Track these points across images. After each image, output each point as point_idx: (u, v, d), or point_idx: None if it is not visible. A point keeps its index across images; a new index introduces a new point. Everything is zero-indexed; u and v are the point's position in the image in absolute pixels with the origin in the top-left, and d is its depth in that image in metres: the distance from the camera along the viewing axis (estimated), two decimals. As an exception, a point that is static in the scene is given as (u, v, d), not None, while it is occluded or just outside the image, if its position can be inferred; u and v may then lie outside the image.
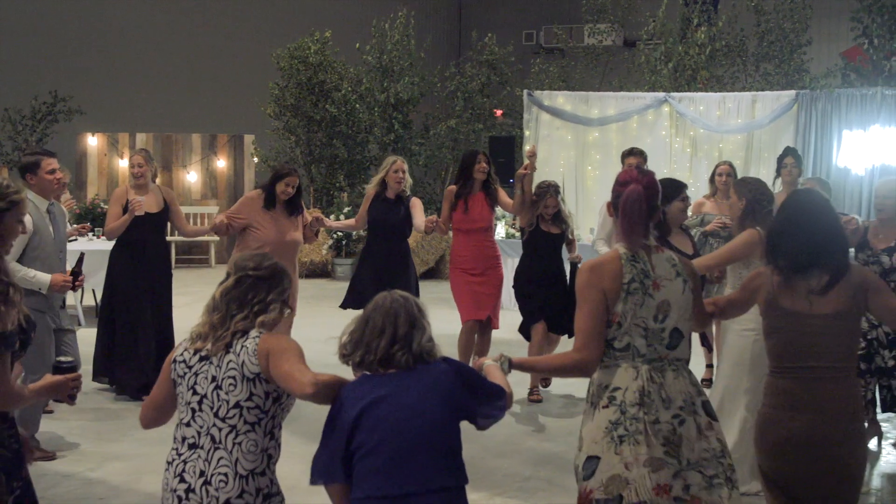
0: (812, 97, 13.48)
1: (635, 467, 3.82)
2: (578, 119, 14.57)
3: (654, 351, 3.97)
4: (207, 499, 3.60)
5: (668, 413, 3.90)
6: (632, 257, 4.03)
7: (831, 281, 4.10)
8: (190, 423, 3.72)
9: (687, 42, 15.93)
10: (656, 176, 4.18)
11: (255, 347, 3.66)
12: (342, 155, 17.55)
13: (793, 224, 4.24)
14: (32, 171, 6.93)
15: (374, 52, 17.80)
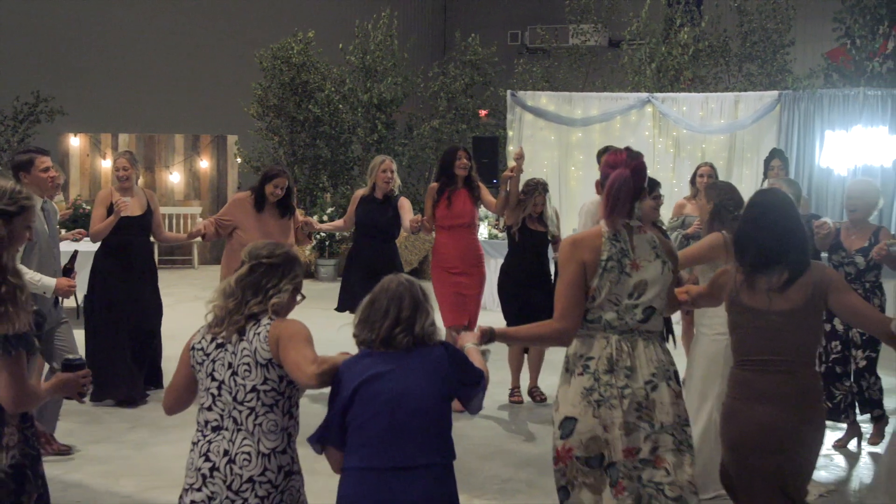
0: (795, 97, 13.51)
1: (612, 429, 4.10)
2: (562, 119, 14.57)
3: (625, 324, 4.19)
4: (231, 477, 3.80)
5: (639, 380, 4.13)
6: (613, 236, 4.21)
7: (790, 278, 4.25)
8: (211, 407, 3.90)
9: (670, 42, 15.93)
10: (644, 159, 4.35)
11: (266, 334, 3.84)
12: (325, 155, 17.50)
13: (754, 224, 4.39)
14: (26, 170, 6.89)
15: (357, 53, 17.74)
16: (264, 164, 17.39)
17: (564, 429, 4.20)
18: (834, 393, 7.42)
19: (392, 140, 17.74)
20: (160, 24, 20.72)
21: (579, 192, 13.60)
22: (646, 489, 4.12)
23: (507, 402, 8.46)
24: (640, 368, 4.16)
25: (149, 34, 20.58)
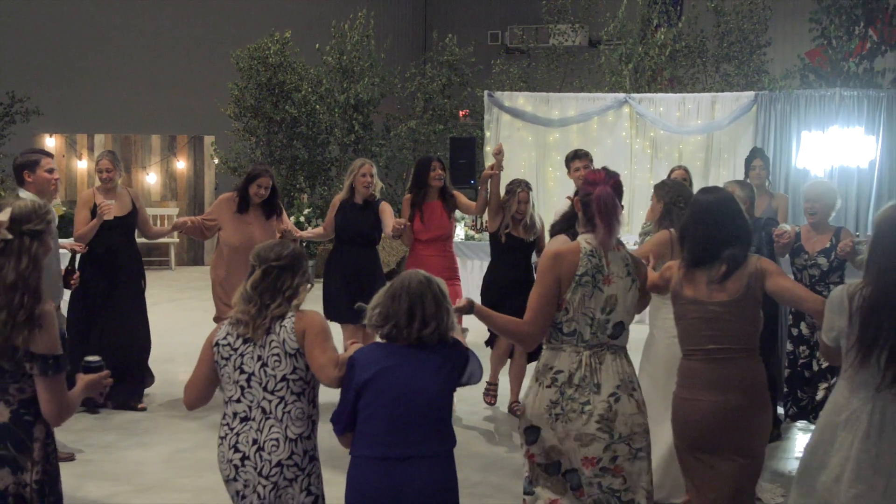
0: (771, 98, 13.52)
1: (567, 441, 4.39)
2: (539, 120, 14.53)
3: (597, 338, 4.44)
4: (261, 463, 4.09)
5: (603, 394, 4.38)
6: (590, 252, 4.45)
7: (728, 271, 4.50)
8: (240, 399, 4.18)
9: (647, 43, 15.91)
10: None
11: (292, 326, 4.14)
12: (302, 156, 17.41)
13: (695, 220, 4.64)
14: (31, 170, 6.84)
15: (333, 53, 17.66)
16: (241, 165, 17.32)
17: (529, 436, 4.52)
18: (801, 396, 7.41)
19: (369, 141, 17.66)
20: (136, 24, 20.59)
21: (557, 193, 13.56)
22: (604, 495, 4.42)
23: (478, 404, 8.34)
24: (605, 383, 4.40)
25: (125, 34, 20.45)
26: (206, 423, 8.11)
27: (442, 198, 8.35)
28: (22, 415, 3.79)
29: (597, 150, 13.91)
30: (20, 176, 6.88)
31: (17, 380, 3.76)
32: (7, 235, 3.78)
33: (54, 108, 18.09)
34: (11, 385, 3.76)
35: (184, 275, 17.84)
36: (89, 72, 19.94)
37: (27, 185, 6.86)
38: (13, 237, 3.78)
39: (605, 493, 4.43)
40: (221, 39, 20.07)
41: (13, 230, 3.79)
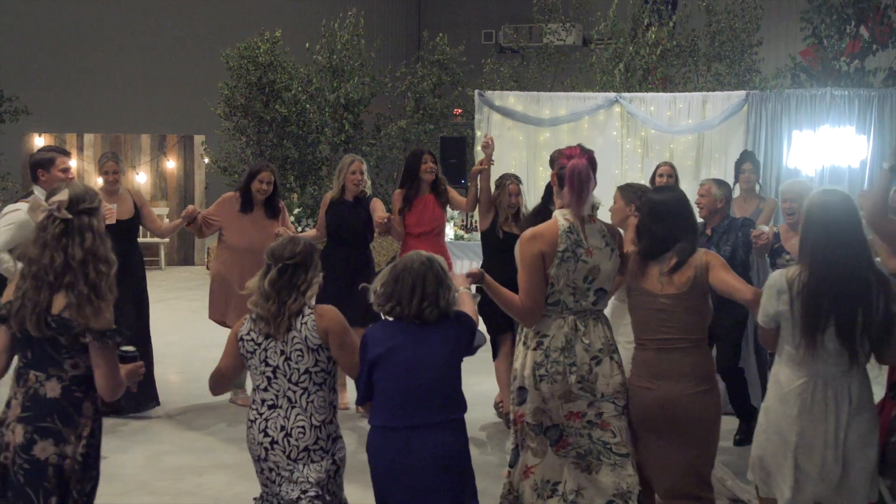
0: (762, 97, 13.45)
1: (551, 400, 4.80)
2: (529, 119, 14.45)
3: (580, 305, 4.86)
4: (289, 448, 4.46)
5: (587, 356, 4.79)
6: (568, 229, 4.81)
7: (677, 263, 4.77)
8: (267, 388, 4.53)
9: (638, 42, 15.85)
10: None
11: (313, 324, 4.47)
12: (293, 156, 17.33)
13: (650, 217, 4.93)
14: (46, 168, 6.78)
15: (324, 53, 17.59)
16: (231, 165, 17.24)
17: (519, 397, 4.94)
18: None
19: (360, 140, 17.59)
20: (126, 23, 20.52)
21: (547, 193, 13.48)
22: (595, 446, 4.83)
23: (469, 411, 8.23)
24: (594, 343, 4.83)
25: (115, 34, 20.38)
26: (186, 426, 8.07)
27: (434, 191, 8.28)
28: (73, 391, 4.04)
29: (587, 150, 13.99)
30: (34, 173, 6.81)
31: (73, 355, 4.01)
32: (67, 215, 4.02)
33: (43, 107, 18.02)
34: (67, 361, 4.01)
35: (173, 275, 17.78)
36: (79, 71, 19.86)
37: (41, 184, 6.79)
38: (72, 216, 4.03)
39: (595, 444, 4.83)
40: (211, 39, 20.00)
41: (71, 210, 4.04)
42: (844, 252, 4.32)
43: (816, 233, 4.39)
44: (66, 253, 3.99)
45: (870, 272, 4.36)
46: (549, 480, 4.95)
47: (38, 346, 4.02)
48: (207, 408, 8.55)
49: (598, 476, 4.85)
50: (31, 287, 4.00)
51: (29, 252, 4.06)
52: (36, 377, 4.03)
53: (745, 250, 7.21)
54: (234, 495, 6.53)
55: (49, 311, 3.95)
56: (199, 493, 6.62)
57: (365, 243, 8.36)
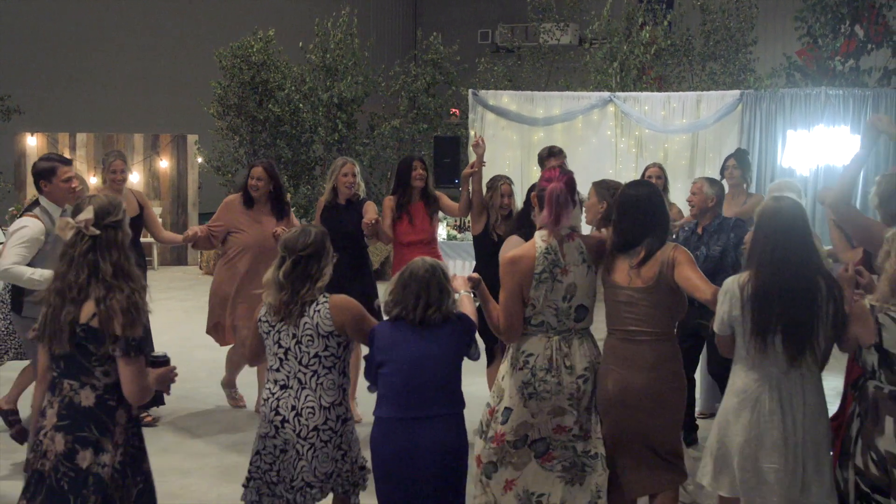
0: (756, 97, 13.43)
1: (540, 415, 4.98)
2: (523, 119, 14.42)
3: (563, 324, 4.99)
4: (300, 427, 4.67)
5: (573, 375, 4.95)
6: (545, 251, 4.96)
7: (645, 257, 4.87)
8: (279, 368, 4.77)
9: (632, 41, 15.81)
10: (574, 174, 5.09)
11: (327, 312, 4.70)
12: (286, 155, 17.26)
13: (623, 212, 5.01)
14: (47, 178, 6.66)
15: (317, 52, 17.53)
16: (225, 164, 17.17)
17: (504, 417, 5.06)
18: None
19: (353, 140, 17.53)
20: (119, 22, 20.44)
21: (541, 192, 13.42)
22: (579, 458, 5.03)
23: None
24: (577, 365, 4.97)
25: (108, 33, 20.31)
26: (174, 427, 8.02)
27: (424, 200, 8.18)
28: (106, 400, 4.12)
29: (581, 150, 13.92)
30: (37, 184, 6.71)
31: (103, 363, 4.08)
32: (95, 231, 4.12)
33: (36, 106, 17.96)
34: (97, 369, 4.09)
35: (166, 275, 17.68)
36: (72, 70, 19.78)
37: (45, 194, 6.69)
38: (100, 232, 4.13)
39: (580, 456, 5.03)
40: (205, 38, 19.94)
41: (98, 225, 4.14)
42: (793, 257, 4.43)
43: (765, 238, 4.51)
44: (92, 267, 4.09)
45: (819, 277, 4.45)
46: (533, 492, 5.07)
47: (69, 355, 4.10)
48: (196, 410, 8.50)
49: (581, 487, 5.04)
50: (56, 303, 4.11)
51: (56, 268, 4.18)
52: (70, 386, 4.12)
53: (736, 252, 7.16)
54: (217, 496, 6.50)
55: (77, 322, 4.04)
56: (183, 494, 6.57)
57: (360, 246, 8.10)
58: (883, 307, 4.35)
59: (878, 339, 4.36)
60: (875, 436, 4.35)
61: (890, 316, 4.32)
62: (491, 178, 7.99)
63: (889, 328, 4.32)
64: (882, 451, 4.33)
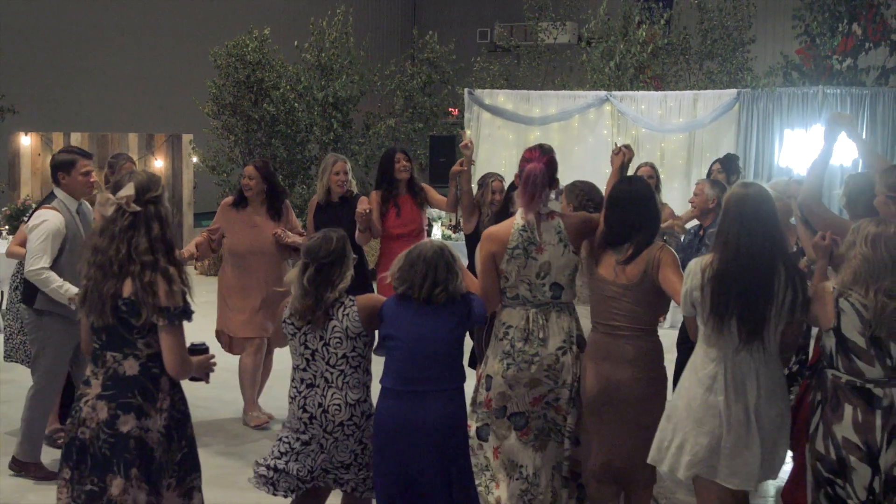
0: (754, 96, 13.36)
1: (517, 387, 5.20)
2: (520, 118, 14.35)
3: (538, 298, 5.20)
4: (326, 422, 4.88)
5: (551, 347, 5.17)
6: (522, 227, 5.17)
7: (633, 254, 5.00)
8: (306, 368, 4.95)
9: (629, 40, 15.72)
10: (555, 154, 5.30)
11: (356, 315, 4.91)
12: (281, 155, 17.16)
13: (612, 207, 5.13)
14: (66, 170, 6.58)
15: (312, 51, 17.42)
16: (220, 164, 17.06)
17: (487, 384, 5.34)
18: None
19: (349, 139, 17.43)
20: (113, 20, 20.30)
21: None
22: (547, 424, 5.27)
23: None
24: (551, 337, 5.17)
25: (103, 32, 20.17)
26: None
27: (410, 191, 8.11)
28: (150, 368, 4.24)
29: (578, 149, 13.85)
30: (55, 176, 6.62)
31: (145, 335, 4.20)
32: (136, 208, 4.21)
33: (30, 105, 17.81)
34: (139, 341, 4.20)
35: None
36: (66, 69, 19.64)
37: (62, 187, 6.59)
38: (140, 208, 4.23)
39: (548, 423, 5.25)
40: (200, 37, 19.80)
41: (139, 202, 4.23)
42: (755, 242, 4.50)
43: (731, 222, 4.59)
44: (130, 244, 4.18)
45: (780, 263, 4.53)
46: (515, 462, 5.31)
47: (111, 328, 4.21)
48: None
49: (545, 452, 5.29)
50: (97, 278, 4.21)
51: (95, 242, 4.28)
52: (113, 357, 4.23)
53: None
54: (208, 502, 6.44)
55: (120, 296, 4.15)
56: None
57: (356, 244, 8.04)
58: (844, 292, 4.48)
59: (836, 322, 4.49)
60: (834, 423, 4.50)
61: (850, 302, 4.45)
62: (482, 176, 8.00)
63: (848, 313, 4.46)
64: (839, 437, 4.47)
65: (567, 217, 5.32)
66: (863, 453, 4.42)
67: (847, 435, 4.45)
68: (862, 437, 4.42)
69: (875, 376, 4.45)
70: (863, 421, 4.42)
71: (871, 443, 4.41)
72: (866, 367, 4.45)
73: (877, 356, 4.43)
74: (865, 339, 4.44)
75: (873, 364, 4.44)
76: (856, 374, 4.48)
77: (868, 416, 4.42)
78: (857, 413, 4.44)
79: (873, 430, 4.41)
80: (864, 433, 4.42)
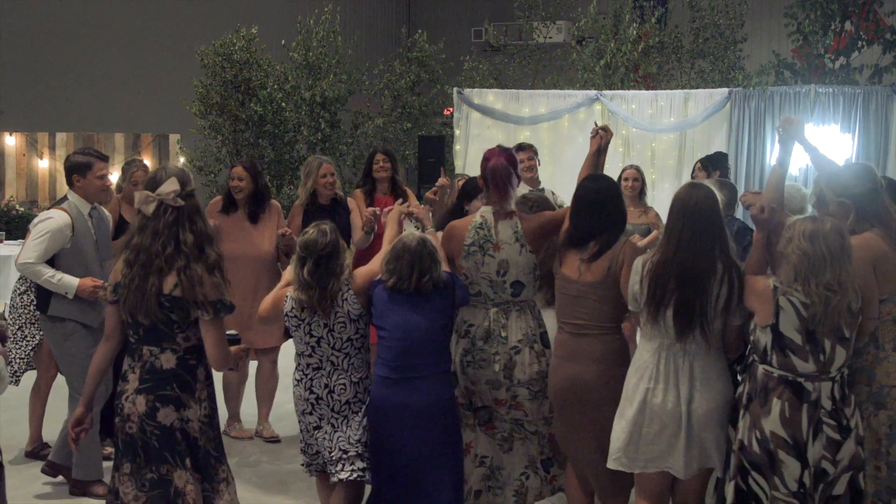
0: (745, 95, 13.21)
1: (479, 384, 5.32)
2: (509, 118, 14.15)
3: (500, 297, 5.28)
4: (333, 402, 5.15)
5: (507, 346, 5.23)
6: (479, 225, 5.29)
7: (598, 251, 5.02)
8: (311, 354, 5.15)
9: (619, 38, 15.57)
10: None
11: (353, 299, 5.10)
12: (269, 155, 16.98)
13: (578, 205, 5.13)
14: (82, 173, 6.33)
15: (299, 49, 17.25)
16: (207, 164, 16.89)
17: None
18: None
19: (337, 140, 17.25)
20: (99, 18, 20.07)
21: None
22: (510, 425, 5.36)
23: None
24: (511, 336, 5.24)
25: (88, 30, 19.95)
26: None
27: (393, 193, 7.95)
28: (187, 360, 4.31)
29: (568, 149, 13.68)
30: (70, 177, 6.37)
31: (184, 329, 4.26)
32: (181, 202, 4.24)
33: (14, 105, 17.64)
34: (179, 335, 4.26)
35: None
36: (50, 68, 19.40)
37: (76, 189, 6.33)
38: (183, 202, 4.26)
39: (511, 423, 5.35)
40: (187, 35, 19.57)
41: (181, 196, 4.25)
42: (695, 239, 4.63)
43: (675, 219, 4.71)
44: (177, 239, 4.21)
45: (719, 261, 4.64)
46: (484, 455, 5.43)
47: (151, 324, 4.25)
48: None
49: (512, 452, 5.39)
50: (139, 275, 4.21)
51: (137, 241, 4.26)
52: (150, 352, 4.28)
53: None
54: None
55: (161, 293, 4.18)
56: None
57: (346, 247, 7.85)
58: (785, 290, 4.54)
59: (774, 319, 4.55)
60: (762, 416, 4.57)
61: (790, 300, 4.52)
62: (466, 187, 7.77)
63: (787, 311, 4.52)
64: (767, 431, 4.55)
65: (526, 218, 5.35)
66: (790, 447, 4.52)
67: (774, 429, 4.54)
68: (789, 431, 4.52)
69: (808, 371, 4.55)
70: (790, 416, 4.53)
71: (798, 437, 4.51)
72: (800, 362, 4.54)
73: (811, 352, 4.52)
74: (802, 336, 4.52)
75: (807, 360, 4.53)
76: (789, 370, 4.57)
77: (795, 410, 4.52)
78: (784, 407, 4.53)
79: (800, 425, 4.51)
80: (792, 428, 4.52)
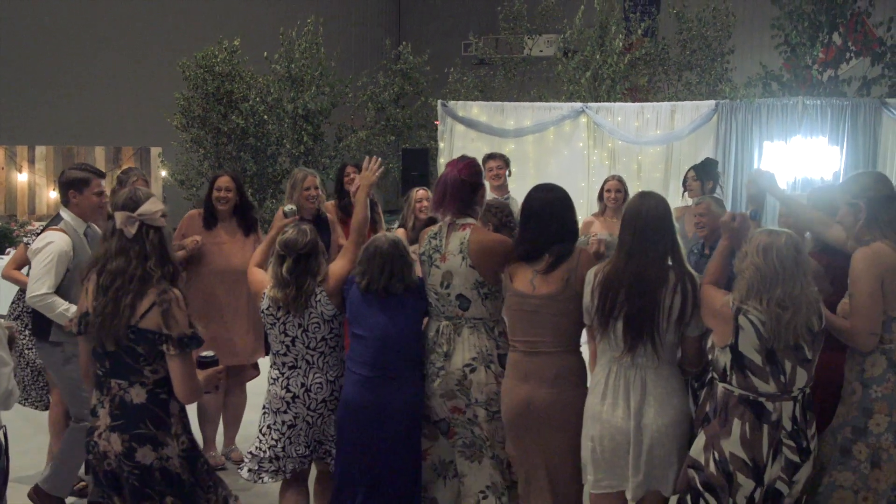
0: (732, 107, 13.05)
1: (434, 399, 5.17)
2: (493, 130, 13.95)
3: (449, 311, 5.12)
4: (309, 401, 5.22)
5: (458, 362, 5.04)
6: (433, 235, 5.20)
7: (552, 264, 4.79)
8: (286, 353, 5.23)
9: (605, 50, 15.41)
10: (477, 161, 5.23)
11: (326, 300, 5.16)
12: (251, 168, 16.76)
13: (528, 217, 4.92)
14: (78, 189, 6.03)
15: (282, 62, 17.05)
16: (189, 178, 16.66)
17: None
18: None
19: (320, 152, 17.05)
20: (79, 30, 19.90)
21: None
22: (477, 440, 5.16)
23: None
24: (458, 353, 5.05)
25: (68, 42, 19.77)
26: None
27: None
28: (158, 394, 4.12)
29: (553, 161, 13.50)
30: (65, 194, 6.07)
31: (151, 362, 4.08)
32: (164, 223, 4.17)
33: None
34: (145, 368, 4.09)
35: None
36: (30, 80, 19.22)
37: (71, 206, 6.04)
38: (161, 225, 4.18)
39: (476, 438, 5.16)
40: (168, 47, 19.42)
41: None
42: (648, 248, 4.52)
43: (626, 229, 4.60)
44: (154, 264, 4.09)
45: (671, 270, 4.55)
46: (445, 460, 5.34)
47: (115, 356, 4.09)
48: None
49: (479, 466, 5.20)
50: (111, 300, 4.04)
51: (115, 266, 4.08)
52: (118, 385, 4.12)
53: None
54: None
55: (130, 322, 4.02)
56: None
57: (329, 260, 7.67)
58: (742, 308, 4.39)
59: (734, 339, 4.41)
60: (721, 436, 4.45)
61: (749, 319, 4.37)
62: (407, 192, 7.85)
63: (746, 331, 4.38)
64: (726, 452, 4.42)
65: (476, 232, 5.08)
66: (749, 469, 4.41)
67: (734, 451, 4.42)
68: (749, 453, 4.41)
69: (768, 391, 4.41)
70: (750, 437, 4.41)
71: (758, 459, 4.40)
72: (761, 383, 4.41)
73: (771, 373, 4.39)
74: (762, 357, 4.38)
75: (768, 381, 4.40)
76: (749, 390, 4.43)
77: (756, 431, 4.41)
78: (745, 428, 4.41)
79: (760, 447, 4.40)
80: (752, 449, 4.41)
